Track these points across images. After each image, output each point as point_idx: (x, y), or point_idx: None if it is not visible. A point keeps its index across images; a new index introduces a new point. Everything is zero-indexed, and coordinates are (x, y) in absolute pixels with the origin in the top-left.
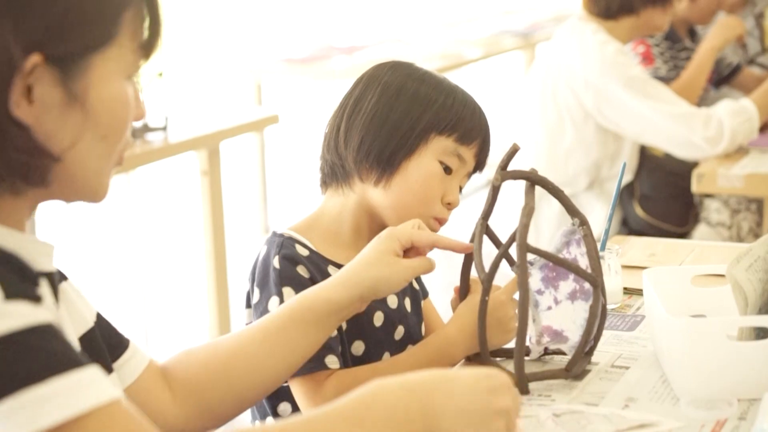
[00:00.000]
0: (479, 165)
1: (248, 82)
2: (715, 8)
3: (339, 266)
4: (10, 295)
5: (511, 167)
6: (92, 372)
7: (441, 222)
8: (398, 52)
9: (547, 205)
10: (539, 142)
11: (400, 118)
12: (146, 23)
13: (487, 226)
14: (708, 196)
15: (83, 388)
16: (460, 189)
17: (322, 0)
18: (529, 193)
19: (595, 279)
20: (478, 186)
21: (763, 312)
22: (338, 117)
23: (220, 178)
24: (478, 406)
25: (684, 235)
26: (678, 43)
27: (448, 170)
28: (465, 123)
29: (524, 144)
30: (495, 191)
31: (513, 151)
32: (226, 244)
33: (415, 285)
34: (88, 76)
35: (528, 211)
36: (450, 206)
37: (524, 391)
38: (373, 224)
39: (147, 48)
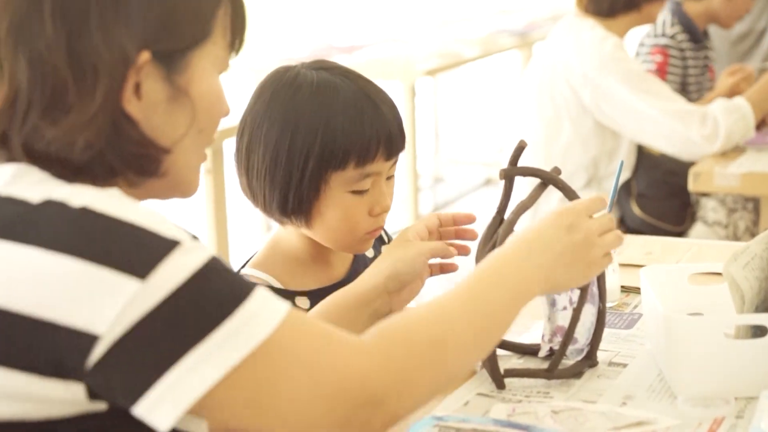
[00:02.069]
0: (394, 153)
1: (249, 81)
2: (744, 13)
3: (306, 294)
4: (194, 236)
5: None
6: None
7: (377, 230)
8: (397, 51)
9: (545, 202)
10: (537, 139)
11: (288, 173)
12: (233, 21)
13: (501, 220)
14: (705, 194)
15: (271, 300)
16: (391, 177)
17: None
18: (537, 190)
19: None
20: (476, 185)
21: (760, 310)
22: (239, 171)
23: (223, 176)
24: (565, 248)
25: (681, 234)
26: (699, 42)
27: (362, 192)
28: (356, 145)
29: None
30: (509, 186)
31: (520, 148)
32: (229, 242)
33: None
34: (189, 71)
35: (519, 208)
36: (381, 214)
37: (500, 385)
38: (325, 247)
39: (234, 44)
